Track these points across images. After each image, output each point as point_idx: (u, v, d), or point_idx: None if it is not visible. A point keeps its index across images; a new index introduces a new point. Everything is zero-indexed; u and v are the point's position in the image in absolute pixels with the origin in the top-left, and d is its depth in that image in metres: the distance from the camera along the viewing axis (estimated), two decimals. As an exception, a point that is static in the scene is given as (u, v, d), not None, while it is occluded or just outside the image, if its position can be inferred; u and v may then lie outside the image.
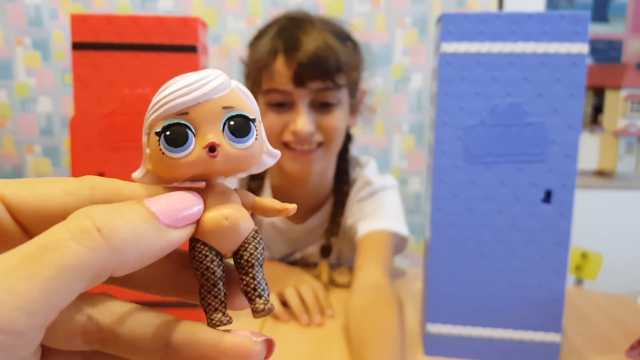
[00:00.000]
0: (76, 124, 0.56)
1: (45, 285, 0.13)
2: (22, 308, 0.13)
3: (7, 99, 1.21)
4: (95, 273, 0.14)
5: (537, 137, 0.52)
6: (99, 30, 0.55)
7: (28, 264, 0.13)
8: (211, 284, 0.18)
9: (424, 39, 1.25)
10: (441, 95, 0.53)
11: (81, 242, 0.14)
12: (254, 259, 0.18)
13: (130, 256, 0.15)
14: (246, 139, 0.18)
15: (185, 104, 0.17)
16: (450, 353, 0.56)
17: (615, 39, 1.70)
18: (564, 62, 0.51)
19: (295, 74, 0.71)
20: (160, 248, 0.16)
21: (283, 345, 0.60)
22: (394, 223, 0.80)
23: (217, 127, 0.18)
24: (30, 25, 1.19)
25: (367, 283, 0.66)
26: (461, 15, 0.52)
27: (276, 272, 0.75)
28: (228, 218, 0.17)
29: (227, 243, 0.18)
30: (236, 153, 0.18)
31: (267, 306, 0.17)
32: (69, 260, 0.13)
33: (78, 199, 0.17)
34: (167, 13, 1.25)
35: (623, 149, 1.63)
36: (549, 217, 0.53)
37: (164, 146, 0.17)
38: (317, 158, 0.77)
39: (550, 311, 0.54)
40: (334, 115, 0.76)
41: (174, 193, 0.17)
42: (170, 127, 0.17)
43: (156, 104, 0.18)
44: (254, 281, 0.18)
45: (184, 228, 0.17)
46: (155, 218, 0.16)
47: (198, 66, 0.56)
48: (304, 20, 0.76)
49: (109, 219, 0.15)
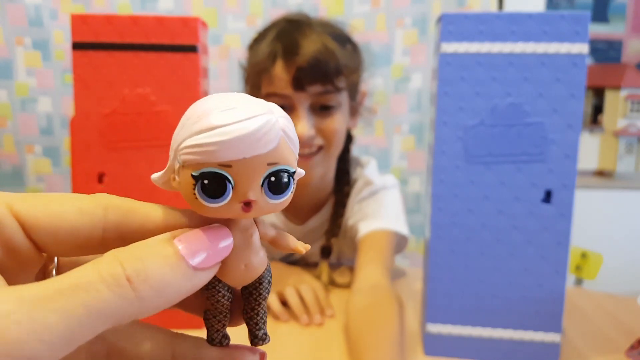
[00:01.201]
0: (76, 124, 0.56)
1: (70, 323, 0.14)
2: (46, 341, 0.13)
3: (7, 99, 1.21)
4: (119, 318, 0.15)
5: (537, 137, 0.52)
6: (99, 30, 0.55)
7: (59, 299, 0.14)
8: (218, 312, 0.19)
9: (424, 39, 1.25)
10: (441, 95, 0.53)
11: (111, 289, 0.14)
12: (262, 298, 0.19)
13: (155, 303, 0.15)
14: (284, 195, 0.17)
15: (231, 157, 0.16)
16: (450, 353, 0.56)
17: (615, 39, 1.70)
18: (564, 62, 0.51)
19: (294, 78, 0.71)
20: (187, 291, 0.16)
21: (283, 345, 0.60)
22: (394, 222, 0.80)
23: (258, 182, 0.17)
24: (30, 25, 1.19)
25: (368, 283, 0.66)
26: (461, 16, 0.52)
27: (276, 272, 0.75)
28: (246, 265, 0.18)
29: (241, 283, 0.18)
30: (270, 207, 0.17)
31: (265, 340, 0.19)
32: (97, 303, 0.14)
33: (92, 219, 0.17)
34: (167, 13, 1.25)
35: (623, 149, 1.63)
36: (549, 217, 0.53)
37: (199, 193, 0.16)
38: (318, 162, 0.77)
39: (550, 311, 0.54)
40: (334, 118, 0.75)
41: (204, 231, 0.17)
42: (209, 176, 0.16)
43: (198, 145, 0.16)
44: (257, 317, 0.19)
45: (211, 268, 0.17)
46: (183, 261, 0.16)
47: (198, 66, 0.56)
48: (303, 23, 0.76)
49: (139, 265, 0.15)
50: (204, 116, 0.16)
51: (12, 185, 1.24)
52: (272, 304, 0.67)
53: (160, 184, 0.19)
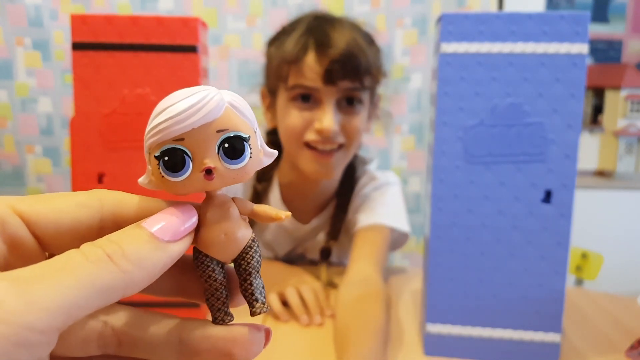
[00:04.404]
0: (76, 124, 0.56)
1: (66, 294, 0.15)
2: (48, 309, 0.14)
3: (7, 99, 1.21)
4: (108, 291, 0.16)
5: (537, 137, 0.52)
6: (99, 30, 0.55)
7: (52, 275, 0.15)
8: (214, 289, 0.20)
9: (424, 39, 1.25)
10: (441, 96, 0.53)
11: (96, 265, 0.16)
12: (251, 267, 0.20)
13: (138, 276, 0.17)
14: (241, 159, 0.19)
15: (180, 131, 0.18)
16: (450, 353, 0.56)
17: (615, 39, 1.70)
18: (564, 62, 0.51)
19: (327, 70, 0.70)
20: (165, 263, 0.18)
21: (283, 345, 0.60)
22: (393, 219, 0.80)
23: (213, 150, 0.18)
24: (30, 26, 1.19)
25: (358, 277, 0.67)
26: (461, 16, 0.52)
27: (277, 272, 0.75)
28: (226, 233, 0.19)
29: (226, 254, 0.20)
30: (231, 173, 0.19)
31: (263, 309, 0.20)
32: (86, 277, 0.15)
33: (89, 211, 0.19)
34: (167, 13, 1.25)
35: (623, 149, 1.63)
36: (548, 217, 0.53)
37: (163, 170, 0.18)
38: (338, 160, 0.77)
39: (550, 311, 0.54)
40: (359, 117, 0.75)
41: (169, 210, 0.19)
42: (168, 152, 0.18)
43: (153, 128, 0.18)
44: (251, 287, 0.20)
45: (182, 240, 0.18)
46: (153, 236, 0.17)
47: (198, 66, 0.56)
48: (333, 18, 0.76)
49: (115, 246, 0.16)
50: (158, 107, 0.18)
51: (12, 186, 1.24)
52: (273, 304, 0.67)
53: (146, 184, 0.20)
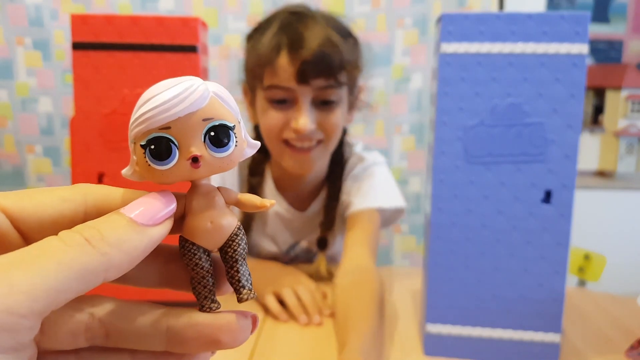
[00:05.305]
0: (76, 124, 0.56)
1: (46, 278, 0.15)
2: (28, 292, 0.14)
3: (7, 99, 1.22)
4: (88, 274, 0.16)
5: (537, 137, 0.52)
6: (99, 30, 0.55)
7: (31, 260, 0.15)
8: (200, 277, 0.20)
9: (424, 39, 1.25)
10: (441, 96, 0.53)
11: (75, 248, 0.16)
12: (238, 254, 0.20)
13: (117, 258, 0.17)
14: (226, 148, 0.19)
15: (166, 119, 0.18)
16: (450, 353, 0.56)
17: (615, 39, 1.70)
18: (564, 63, 0.51)
19: (299, 71, 0.71)
20: (144, 246, 0.18)
21: (283, 345, 0.60)
22: (383, 199, 0.83)
23: (199, 138, 0.18)
24: (30, 25, 1.19)
25: (354, 263, 0.71)
26: (461, 16, 0.51)
27: (272, 272, 0.75)
28: (212, 221, 0.19)
29: (212, 242, 0.20)
30: (217, 162, 0.19)
31: (250, 295, 0.20)
32: (65, 260, 0.15)
33: (73, 204, 0.19)
34: (167, 13, 1.25)
35: (623, 150, 1.63)
36: (548, 217, 0.53)
37: (149, 159, 0.18)
38: (316, 156, 0.78)
39: (550, 311, 0.54)
40: (335, 113, 0.76)
41: (148, 196, 0.19)
42: (154, 141, 0.18)
43: (139, 117, 0.18)
44: (237, 274, 0.20)
45: (162, 224, 0.18)
46: (132, 221, 0.17)
47: (198, 66, 0.56)
48: (307, 15, 0.75)
49: (93, 231, 0.17)
50: (143, 97, 0.18)
51: (12, 185, 1.25)
52: (271, 305, 0.67)
53: (130, 175, 0.20)
